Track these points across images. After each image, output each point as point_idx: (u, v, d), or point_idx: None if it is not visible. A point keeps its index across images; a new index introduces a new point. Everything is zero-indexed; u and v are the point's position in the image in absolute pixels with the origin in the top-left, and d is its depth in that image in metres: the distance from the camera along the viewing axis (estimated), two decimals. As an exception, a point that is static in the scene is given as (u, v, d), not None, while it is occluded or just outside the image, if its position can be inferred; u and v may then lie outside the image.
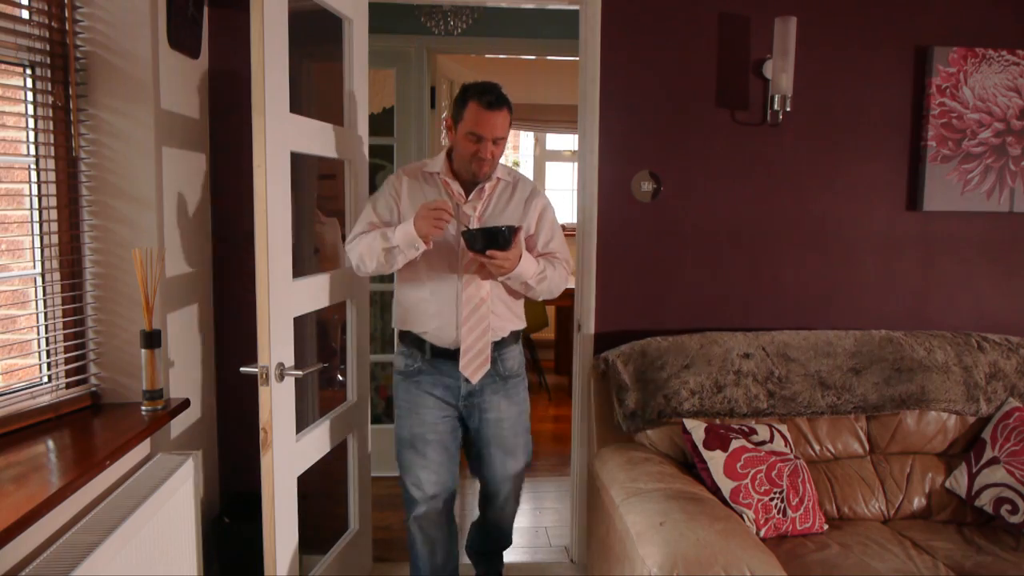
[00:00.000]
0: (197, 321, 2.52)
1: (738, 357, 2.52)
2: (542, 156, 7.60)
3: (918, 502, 2.47)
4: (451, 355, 2.21)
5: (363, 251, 2.15)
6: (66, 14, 1.98)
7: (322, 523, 2.74)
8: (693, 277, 2.82)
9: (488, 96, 2.08)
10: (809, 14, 2.72)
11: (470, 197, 2.20)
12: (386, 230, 2.13)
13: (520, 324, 2.33)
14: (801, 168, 2.81)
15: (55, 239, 1.99)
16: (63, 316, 2.02)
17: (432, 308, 2.21)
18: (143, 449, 2.15)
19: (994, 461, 2.41)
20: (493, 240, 2.01)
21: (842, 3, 2.76)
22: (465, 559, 2.65)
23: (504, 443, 2.30)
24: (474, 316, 2.19)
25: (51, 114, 1.96)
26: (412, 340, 2.26)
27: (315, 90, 3.19)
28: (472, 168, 2.14)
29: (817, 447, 2.52)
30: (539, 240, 2.28)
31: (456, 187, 2.20)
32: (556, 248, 2.29)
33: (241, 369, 2.01)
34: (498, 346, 2.25)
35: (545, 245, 2.28)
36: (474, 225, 2.17)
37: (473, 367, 2.21)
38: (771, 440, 2.33)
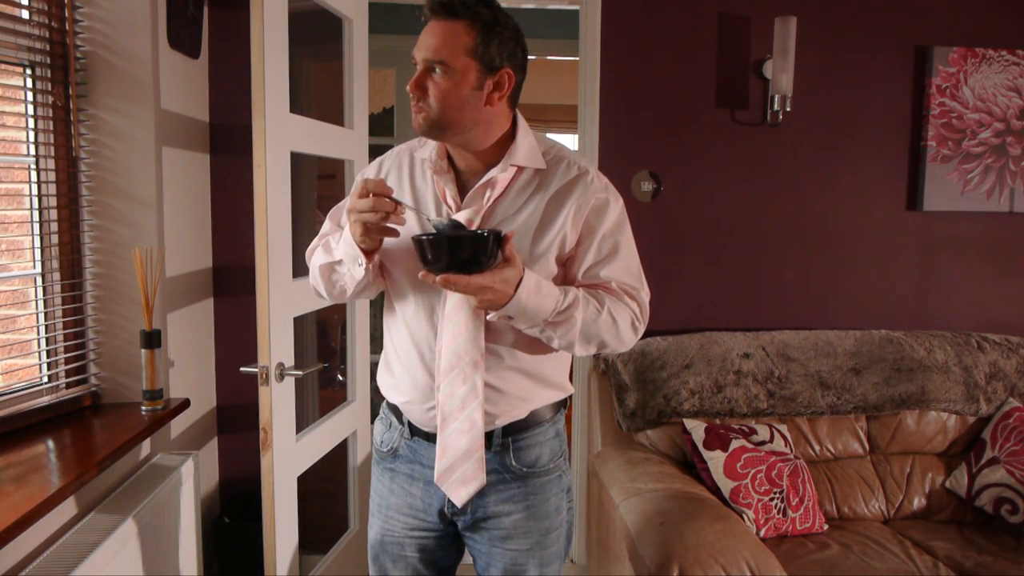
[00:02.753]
0: (197, 321, 2.52)
1: (738, 357, 2.52)
2: (542, 156, 7.59)
3: (918, 502, 2.47)
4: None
5: (312, 269, 1.51)
6: (66, 14, 1.98)
7: (322, 523, 2.74)
8: (693, 277, 2.82)
9: None
10: (809, 14, 2.71)
11: (466, 197, 1.38)
12: (335, 235, 1.46)
13: (558, 393, 1.48)
14: (801, 168, 2.81)
15: (55, 239, 1.99)
16: (63, 316, 2.02)
17: (402, 371, 1.45)
18: (143, 449, 2.15)
19: (994, 461, 2.41)
20: (458, 251, 1.21)
21: (842, 3, 2.76)
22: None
23: None
24: (456, 392, 1.36)
25: (51, 114, 1.96)
26: (391, 405, 1.53)
27: (315, 90, 3.19)
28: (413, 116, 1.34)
29: (817, 447, 2.52)
30: (583, 260, 1.39)
31: (446, 184, 1.39)
32: (614, 276, 1.39)
33: (241, 369, 2.01)
34: (510, 430, 1.43)
35: (592, 269, 1.39)
36: None
37: (454, 480, 1.39)
38: (771, 440, 2.33)
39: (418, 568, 1.52)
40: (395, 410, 1.51)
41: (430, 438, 1.44)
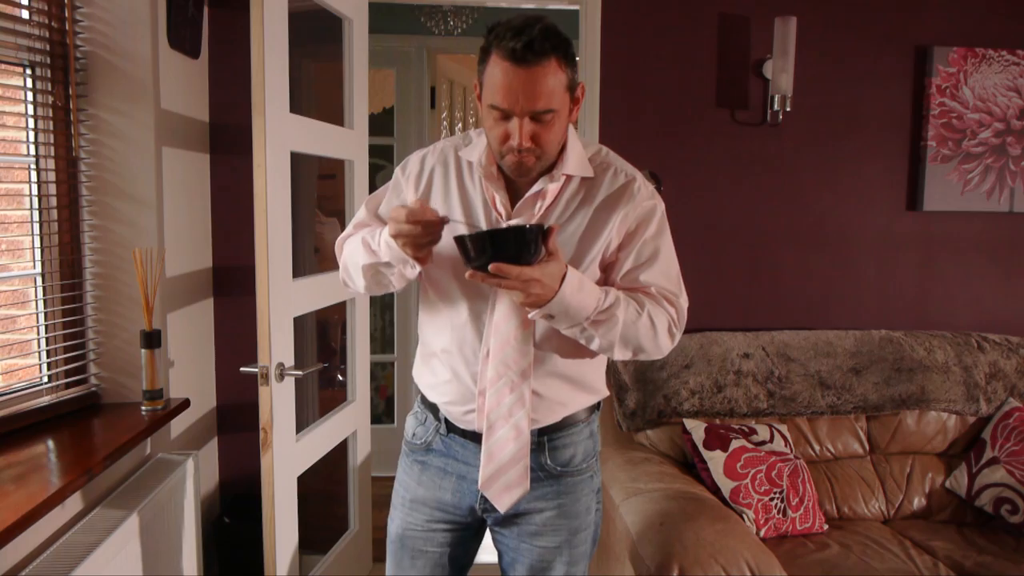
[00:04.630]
0: (197, 321, 2.52)
1: (738, 357, 2.52)
2: (542, 156, 7.59)
3: (918, 502, 2.47)
4: (477, 438, 1.43)
5: (347, 260, 1.49)
6: (66, 14, 1.98)
7: (322, 523, 2.74)
8: (693, 277, 2.78)
9: (520, 39, 1.20)
10: (809, 14, 2.72)
11: (517, 207, 1.35)
12: (372, 233, 1.42)
13: (594, 396, 1.50)
14: (801, 168, 2.81)
15: (55, 239, 1.99)
16: (63, 316, 2.02)
17: (445, 372, 1.44)
18: (143, 449, 2.15)
19: (994, 461, 2.41)
20: (504, 247, 1.19)
21: (842, 3, 2.76)
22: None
23: None
24: (503, 400, 1.37)
25: (51, 114, 1.96)
26: (427, 402, 1.53)
27: (315, 90, 3.19)
28: (507, 165, 1.31)
29: (817, 447, 2.52)
30: (623, 264, 1.38)
31: (496, 191, 1.36)
32: (653, 281, 1.38)
33: (241, 369, 2.01)
34: (547, 430, 1.44)
35: (631, 273, 1.38)
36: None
37: (498, 486, 1.39)
38: (771, 440, 2.34)
39: (437, 564, 1.51)
40: (431, 407, 1.51)
41: (466, 435, 1.45)
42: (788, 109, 2.68)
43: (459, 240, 1.22)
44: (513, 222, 1.33)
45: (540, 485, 1.44)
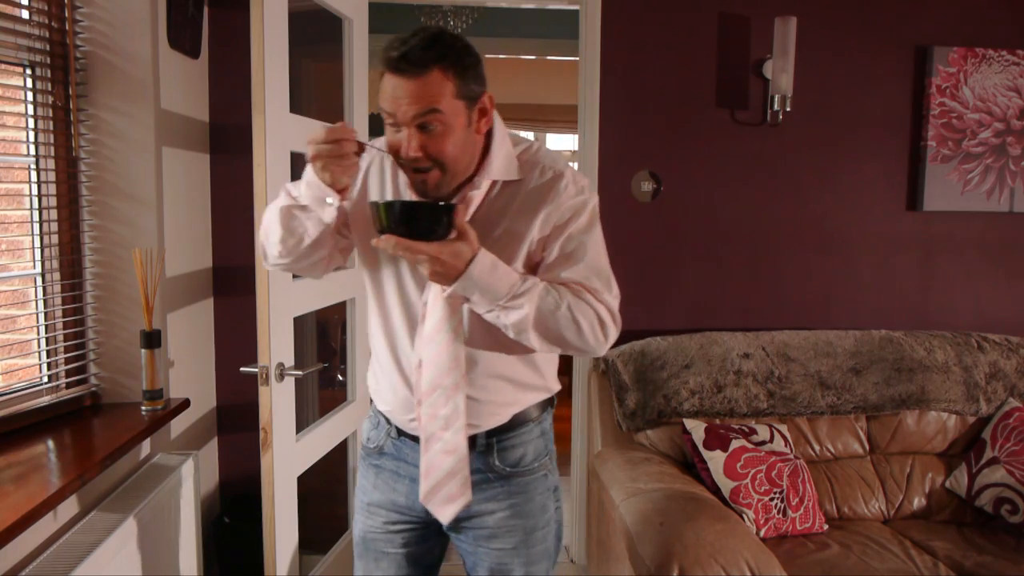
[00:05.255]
0: (197, 321, 2.52)
1: (738, 357, 2.52)
2: (542, 156, 7.60)
3: (918, 502, 2.47)
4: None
5: (266, 219, 1.41)
6: (66, 14, 1.98)
7: (322, 523, 2.74)
8: (693, 277, 2.82)
9: (400, 49, 1.20)
10: (809, 14, 2.71)
11: None
12: (295, 183, 1.38)
13: (542, 394, 1.49)
14: (801, 168, 2.81)
15: (55, 239, 1.99)
16: (63, 316, 2.02)
17: (386, 380, 1.45)
18: (143, 449, 2.15)
19: (994, 461, 2.41)
20: (414, 219, 1.20)
21: (842, 3, 2.76)
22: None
23: None
24: (438, 413, 1.35)
25: (51, 114, 1.96)
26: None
27: (315, 90, 3.19)
28: (411, 182, 1.31)
29: (817, 447, 2.52)
30: (547, 259, 1.36)
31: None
32: (576, 277, 1.35)
33: (241, 369, 2.01)
34: (494, 432, 1.42)
35: (554, 268, 1.35)
36: None
37: (439, 499, 1.39)
38: (771, 440, 2.34)
39: (401, 565, 1.51)
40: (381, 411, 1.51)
41: (415, 439, 1.43)
42: (788, 109, 2.68)
43: (372, 205, 1.22)
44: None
45: (490, 487, 1.43)
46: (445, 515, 1.39)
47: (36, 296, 1.97)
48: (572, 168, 1.37)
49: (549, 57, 4.75)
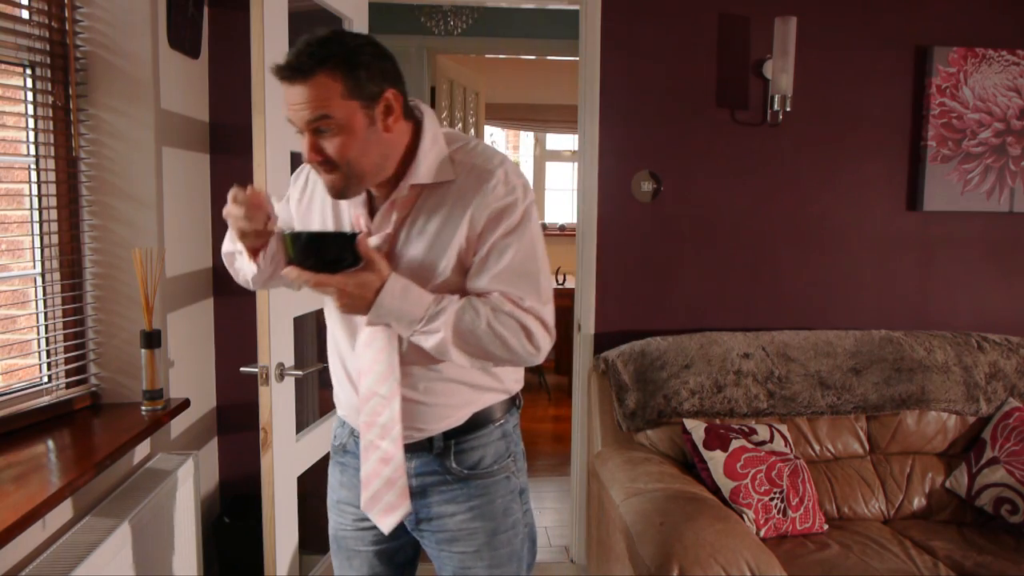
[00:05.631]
0: (197, 321, 2.52)
1: (738, 357, 2.52)
2: (542, 156, 7.61)
3: (918, 502, 2.47)
4: None
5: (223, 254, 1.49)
6: (66, 14, 1.98)
7: (322, 523, 2.74)
8: (693, 277, 2.82)
9: (286, 58, 1.22)
10: (809, 14, 2.72)
11: (375, 221, 1.32)
12: None
13: (500, 395, 1.44)
14: (801, 168, 2.81)
15: (55, 239, 1.99)
16: (63, 316, 2.02)
17: (337, 384, 1.48)
18: (143, 449, 2.15)
19: (994, 461, 2.41)
20: (321, 250, 1.21)
21: (842, 3, 2.76)
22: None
23: None
24: (375, 421, 1.36)
25: (51, 114, 1.96)
26: None
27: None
28: (325, 183, 1.28)
29: (817, 447, 2.52)
30: (473, 266, 1.30)
31: (358, 209, 1.35)
32: (501, 287, 1.29)
33: (241, 369, 2.01)
34: (452, 434, 1.40)
35: (478, 277, 1.30)
36: None
37: (379, 509, 1.39)
38: (771, 440, 2.34)
39: (373, 563, 1.50)
40: None
41: None
42: (788, 109, 2.68)
43: (279, 236, 1.23)
44: (371, 241, 1.29)
45: (449, 489, 1.40)
46: (386, 525, 1.38)
47: (36, 296, 1.97)
48: (508, 166, 1.31)
49: (549, 57, 4.75)
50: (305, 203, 1.43)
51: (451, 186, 1.29)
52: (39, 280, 1.97)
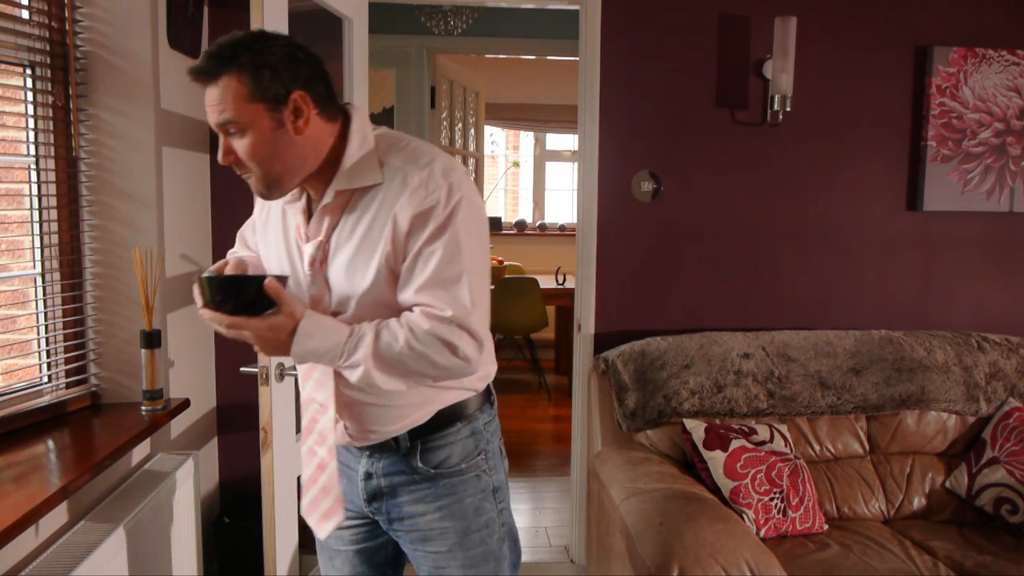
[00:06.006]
0: (197, 321, 2.51)
1: (738, 357, 2.52)
2: (542, 156, 7.61)
3: (918, 502, 2.47)
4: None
5: None
6: (66, 14, 1.98)
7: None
8: (693, 277, 2.82)
9: (198, 59, 1.20)
10: (809, 14, 2.72)
11: (309, 230, 1.31)
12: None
13: (463, 392, 1.40)
14: (801, 168, 2.81)
15: (55, 239, 1.99)
16: (63, 316, 2.02)
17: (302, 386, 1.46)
18: (143, 449, 2.15)
19: (994, 461, 2.41)
20: (232, 295, 1.21)
21: (842, 3, 2.76)
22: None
23: None
24: (313, 428, 1.37)
25: (51, 114, 1.96)
26: None
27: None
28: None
29: (817, 447, 2.52)
30: (407, 277, 1.24)
31: (298, 218, 1.34)
32: (422, 299, 1.23)
33: (241, 369, 2.01)
34: (418, 433, 1.37)
35: (403, 290, 1.25)
36: (300, 275, 1.32)
37: (316, 516, 1.39)
38: (771, 440, 2.34)
39: (354, 562, 1.51)
40: None
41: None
42: (788, 109, 2.68)
43: (197, 279, 1.24)
44: (306, 248, 1.31)
45: (418, 488, 1.38)
46: (322, 531, 1.38)
47: (36, 296, 1.97)
48: (437, 165, 1.24)
49: (549, 57, 4.75)
50: (263, 221, 1.44)
51: (379, 189, 1.25)
52: (39, 280, 1.97)
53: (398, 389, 1.26)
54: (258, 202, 1.46)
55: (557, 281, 5.40)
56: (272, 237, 1.40)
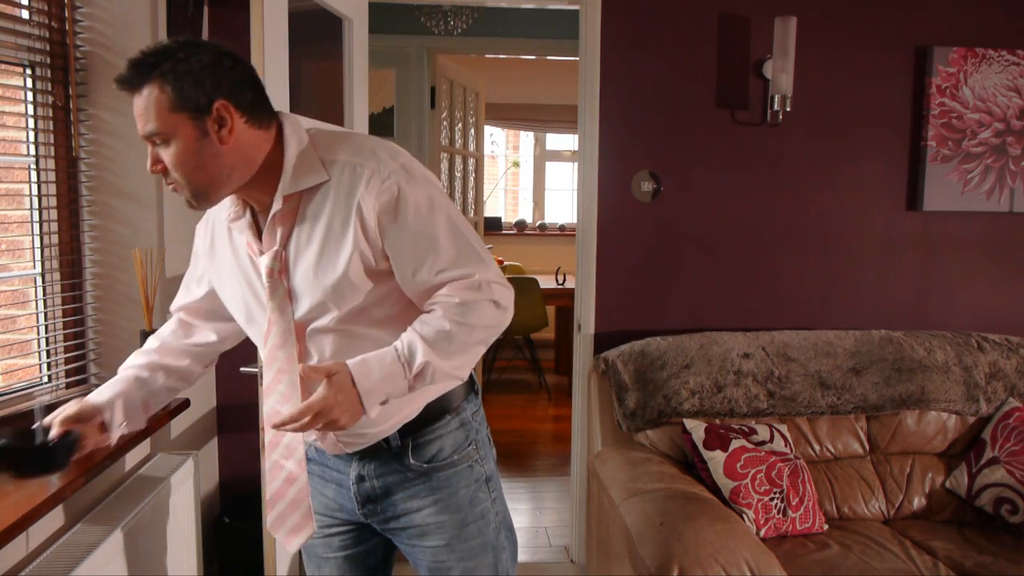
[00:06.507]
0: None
1: (738, 357, 2.52)
2: (542, 156, 7.61)
3: (918, 502, 2.47)
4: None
5: None
6: (66, 14, 1.98)
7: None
8: (693, 277, 2.82)
9: (120, 73, 1.19)
10: (809, 14, 2.72)
11: (263, 244, 1.27)
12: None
13: (448, 382, 1.35)
14: (801, 168, 2.81)
15: (55, 239, 1.99)
16: (63, 316, 2.02)
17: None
18: (143, 449, 2.15)
19: (994, 461, 2.41)
20: (38, 460, 1.16)
21: (842, 3, 2.76)
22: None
23: None
24: (279, 441, 1.34)
25: (51, 114, 1.96)
26: None
27: (315, 90, 3.19)
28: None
29: (817, 447, 2.52)
30: (404, 269, 1.24)
31: (246, 235, 1.29)
32: (447, 274, 1.23)
33: (241, 369, 2.01)
34: (407, 430, 1.37)
35: (419, 276, 1.24)
36: (274, 302, 1.27)
37: (285, 530, 1.35)
38: (771, 440, 2.34)
39: (344, 568, 1.49)
40: None
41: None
42: (788, 109, 2.68)
43: None
44: (261, 261, 1.26)
45: (411, 485, 1.38)
46: (291, 545, 1.34)
47: (36, 296, 1.97)
48: (381, 152, 1.24)
49: (549, 57, 4.75)
50: (206, 248, 1.40)
51: (326, 188, 1.23)
52: (39, 280, 1.97)
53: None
54: (199, 232, 1.43)
55: (557, 281, 5.40)
56: (223, 262, 1.36)
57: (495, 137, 7.74)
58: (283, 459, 1.32)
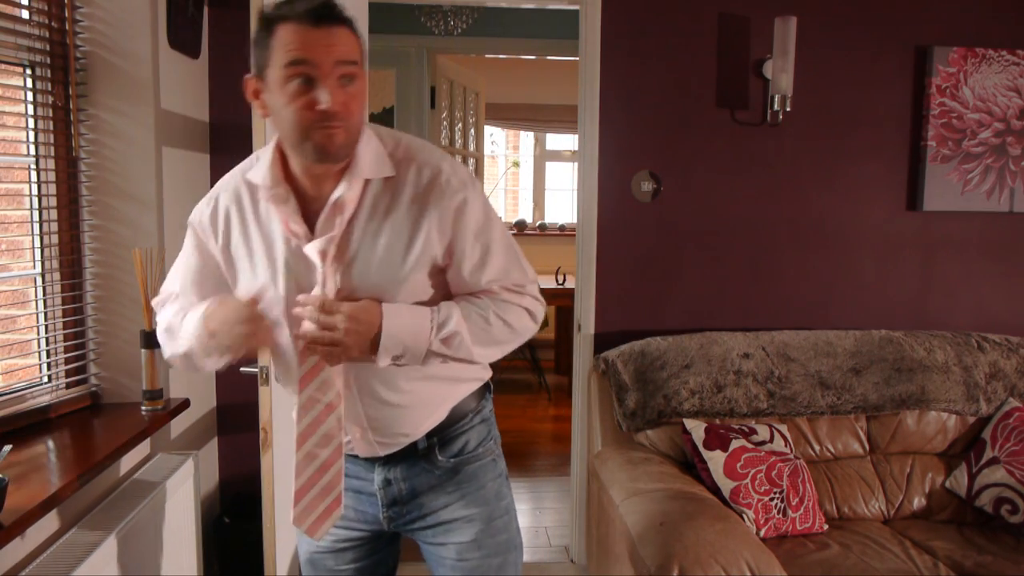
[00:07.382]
0: (197, 321, 2.52)
1: (738, 357, 2.52)
2: (542, 156, 7.61)
3: (918, 502, 2.47)
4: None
5: (183, 345, 1.34)
6: (66, 14, 1.98)
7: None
8: (693, 277, 2.82)
9: (308, 4, 1.12)
10: (809, 14, 2.72)
11: (318, 226, 1.22)
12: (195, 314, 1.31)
13: (474, 383, 1.42)
14: (801, 168, 2.81)
15: (55, 239, 1.99)
16: (63, 316, 2.02)
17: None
18: (143, 449, 2.15)
19: (994, 461, 2.41)
20: None
21: (842, 3, 2.76)
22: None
23: None
24: (316, 422, 1.28)
25: (51, 114, 1.96)
26: None
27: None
28: (312, 147, 1.15)
29: (817, 447, 2.52)
30: (460, 269, 1.27)
31: (290, 216, 1.22)
32: (496, 278, 1.29)
33: (241, 369, 2.01)
34: (437, 431, 1.38)
35: (473, 277, 1.28)
36: (329, 286, 1.22)
37: (311, 517, 1.31)
38: (771, 440, 2.34)
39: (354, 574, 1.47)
40: None
41: (353, 454, 1.39)
42: (788, 109, 2.68)
43: None
44: (311, 247, 1.22)
45: (439, 482, 1.38)
46: (318, 533, 1.31)
47: (36, 296, 1.97)
48: (448, 160, 1.28)
49: (549, 57, 4.75)
50: (223, 241, 1.32)
51: (395, 183, 1.23)
52: (39, 280, 1.97)
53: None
54: (203, 234, 1.35)
55: (557, 281, 5.40)
56: (256, 249, 1.28)
57: (495, 137, 7.74)
58: (318, 448, 1.28)
